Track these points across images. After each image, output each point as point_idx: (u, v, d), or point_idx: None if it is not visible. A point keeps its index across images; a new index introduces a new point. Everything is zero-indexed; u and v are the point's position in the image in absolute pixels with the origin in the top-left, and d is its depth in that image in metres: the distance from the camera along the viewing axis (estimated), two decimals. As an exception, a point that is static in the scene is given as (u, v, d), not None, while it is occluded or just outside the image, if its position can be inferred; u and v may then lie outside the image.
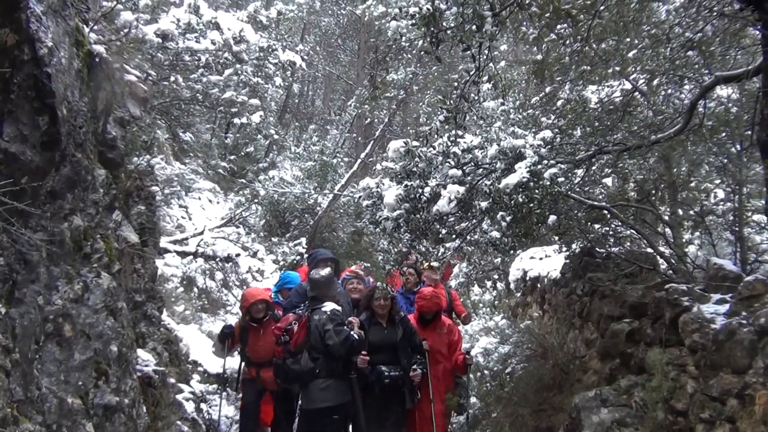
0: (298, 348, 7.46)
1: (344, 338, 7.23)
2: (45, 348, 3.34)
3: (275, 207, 18.18)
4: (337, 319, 7.36)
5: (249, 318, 8.33)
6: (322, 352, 7.31)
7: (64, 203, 3.75)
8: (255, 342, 8.32)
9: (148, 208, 7.16)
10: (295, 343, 7.49)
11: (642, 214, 8.61)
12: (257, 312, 8.34)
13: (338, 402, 7.41)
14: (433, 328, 8.40)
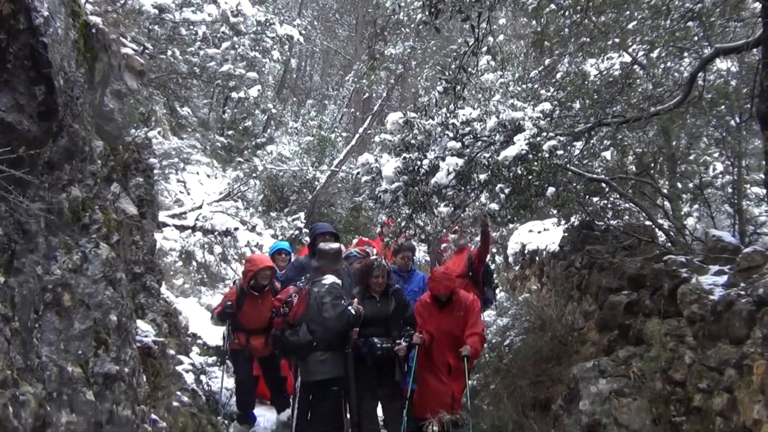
0: (297, 320, 7.47)
1: (340, 312, 7.24)
2: (44, 317, 3.34)
3: (273, 182, 18.16)
4: (335, 293, 7.37)
5: (253, 284, 8.31)
6: (320, 325, 7.32)
7: (62, 174, 3.73)
8: (251, 310, 8.31)
9: (146, 181, 7.15)
10: (294, 315, 7.51)
11: (641, 187, 8.60)
12: (263, 279, 8.33)
13: (336, 374, 7.44)
14: (449, 311, 8.05)
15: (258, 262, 8.45)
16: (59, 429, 3.11)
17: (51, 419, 3.01)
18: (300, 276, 8.45)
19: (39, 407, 2.80)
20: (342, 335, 7.55)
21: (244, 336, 8.40)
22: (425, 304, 8.18)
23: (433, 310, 8.08)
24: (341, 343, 7.58)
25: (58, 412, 3.17)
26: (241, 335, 8.41)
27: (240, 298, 8.35)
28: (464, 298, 8.12)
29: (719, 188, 8.55)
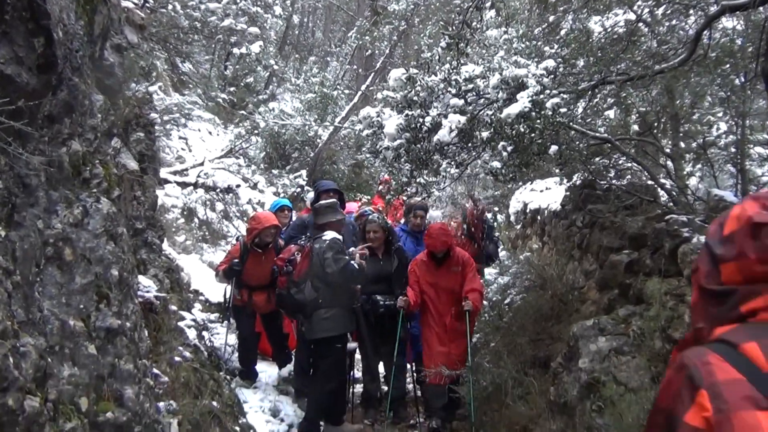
0: (301, 278, 7.49)
1: (342, 266, 7.25)
2: (46, 271, 3.34)
3: (275, 139, 18.09)
4: (337, 247, 7.37)
5: (257, 242, 8.34)
6: (323, 282, 7.34)
7: (62, 128, 3.71)
8: (254, 266, 8.35)
9: (147, 136, 7.12)
10: (299, 273, 7.53)
11: (644, 147, 8.57)
12: (267, 237, 8.36)
13: (340, 331, 7.49)
14: (446, 267, 8.08)
15: (263, 220, 8.44)
16: (61, 382, 3.13)
17: (52, 371, 3.03)
18: (302, 234, 8.47)
19: (40, 359, 2.82)
20: (346, 291, 7.58)
21: (247, 292, 8.46)
22: (421, 262, 8.16)
23: (430, 267, 8.08)
24: (345, 300, 7.61)
25: (60, 365, 3.19)
26: (243, 291, 8.46)
27: (243, 255, 8.37)
28: (461, 254, 8.19)
29: (722, 148, 8.51)
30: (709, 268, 1.78)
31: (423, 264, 8.14)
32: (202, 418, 5.25)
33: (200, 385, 5.89)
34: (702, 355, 1.58)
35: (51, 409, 2.87)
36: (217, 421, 5.54)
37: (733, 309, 1.67)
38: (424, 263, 8.13)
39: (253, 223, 8.53)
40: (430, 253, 8.08)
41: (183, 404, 5.03)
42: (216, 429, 5.46)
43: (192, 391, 5.58)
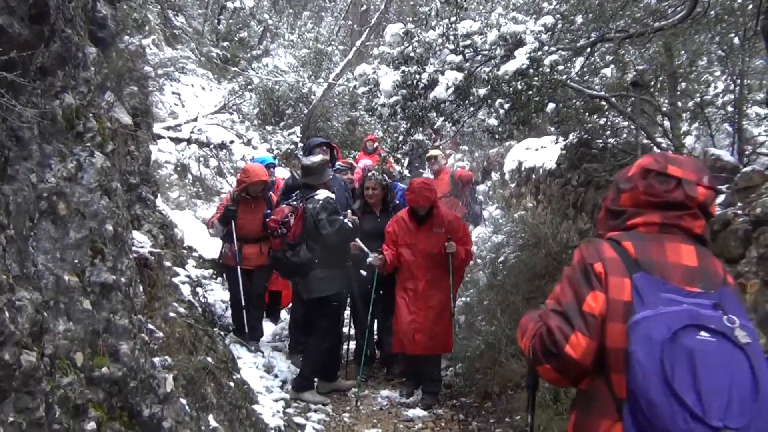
0: (296, 240, 7.44)
1: (338, 227, 7.23)
2: (40, 226, 3.31)
3: (269, 95, 17.96)
4: (330, 208, 7.35)
5: (245, 195, 8.34)
6: (318, 243, 7.32)
7: (55, 80, 3.65)
8: (244, 216, 8.33)
9: (140, 91, 7.05)
10: (294, 235, 7.46)
11: (640, 105, 8.52)
12: (255, 191, 8.37)
13: (337, 290, 7.51)
14: (428, 227, 7.57)
15: (252, 174, 8.40)
16: (57, 336, 3.12)
17: (48, 326, 3.01)
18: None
19: (36, 313, 2.80)
20: (341, 251, 7.58)
21: (238, 245, 8.35)
22: (401, 220, 7.70)
23: (410, 227, 7.62)
24: (341, 259, 7.61)
25: (55, 320, 3.17)
26: (232, 246, 8.36)
27: (234, 206, 8.35)
28: (446, 215, 7.73)
29: (720, 107, 8.47)
30: (614, 196, 2.86)
31: (402, 222, 7.69)
32: (197, 373, 5.26)
33: (195, 340, 5.90)
34: (600, 244, 2.66)
35: (48, 363, 2.87)
36: (211, 377, 5.56)
37: (623, 222, 2.75)
38: (404, 221, 7.68)
39: (242, 175, 8.51)
40: (412, 210, 7.61)
41: (178, 360, 5.04)
42: (211, 384, 5.48)
43: (187, 347, 5.59)
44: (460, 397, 7.78)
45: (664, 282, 2.44)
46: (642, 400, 2.24)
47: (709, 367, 2.21)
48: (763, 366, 2.25)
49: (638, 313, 2.35)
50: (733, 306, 2.38)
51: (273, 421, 6.62)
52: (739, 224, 5.09)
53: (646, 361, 2.25)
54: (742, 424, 2.16)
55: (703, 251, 2.59)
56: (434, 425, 6.95)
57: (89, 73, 4.16)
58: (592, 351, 2.48)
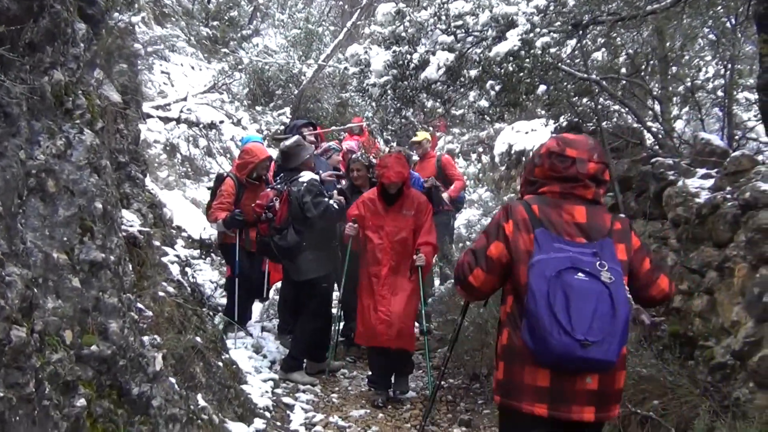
0: (283, 224, 7.38)
1: (323, 210, 7.18)
2: (28, 203, 3.29)
3: (259, 75, 17.89)
4: (315, 190, 7.30)
5: (255, 176, 8.16)
6: (304, 225, 7.28)
7: (44, 56, 3.62)
8: (249, 202, 7.94)
9: (130, 68, 6.99)
10: (280, 220, 7.40)
11: (632, 89, 8.52)
12: (264, 169, 8.19)
13: (326, 272, 7.50)
14: (397, 208, 7.15)
15: (258, 152, 8.18)
16: (46, 313, 3.11)
17: (38, 302, 3.00)
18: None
19: (26, 288, 2.79)
20: (328, 232, 7.56)
21: (238, 229, 8.15)
22: (368, 200, 7.27)
23: (379, 207, 7.19)
24: (329, 241, 7.60)
25: (44, 297, 3.16)
26: (234, 229, 8.15)
27: (238, 192, 8.12)
28: (416, 196, 7.30)
29: (710, 91, 8.49)
30: (530, 168, 3.71)
31: (369, 203, 7.25)
32: (186, 352, 5.27)
33: (184, 320, 5.90)
34: (516, 205, 3.52)
35: (37, 339, 2.86)
36: (200, 356, 5.57)
37: (535, 189, 3.60)
38: (371, 201, 7.23)
39: (248, 156, 8.17)
40: (382, 190, 7.14)
41: (167, 339, 5.04)
42: (200, 363, 5.49)
43: (176, 326, 5.59)
44: (449, 379, 7.80)
45: (557, 235, 3.38)
46: (532, 316, 3.23)
47: (580, 298, 3.17)
48: (622, 298, 3.22)
49: (536, 257, 3.30)
50: (608, 253, 3.34)
51: (261, 401, 6.64)
52: (728, 208, 5.11)
53: (537, 290, 3.21)
54: (598, 338, 3.14)
55: (593, 210, 3.50)
56: (423, 406, 6.98)
57: (78, 50, 4.13)
58: (490, 282, 3.56)
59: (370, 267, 7.14)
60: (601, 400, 3.34)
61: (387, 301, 6.96)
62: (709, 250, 5.34)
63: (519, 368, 3.41)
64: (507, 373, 3.49)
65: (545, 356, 3.24)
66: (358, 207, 7.29)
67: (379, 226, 7.13)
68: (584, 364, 3.21)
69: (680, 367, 5.21)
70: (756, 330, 4.58)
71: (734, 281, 4.94)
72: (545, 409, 3.32)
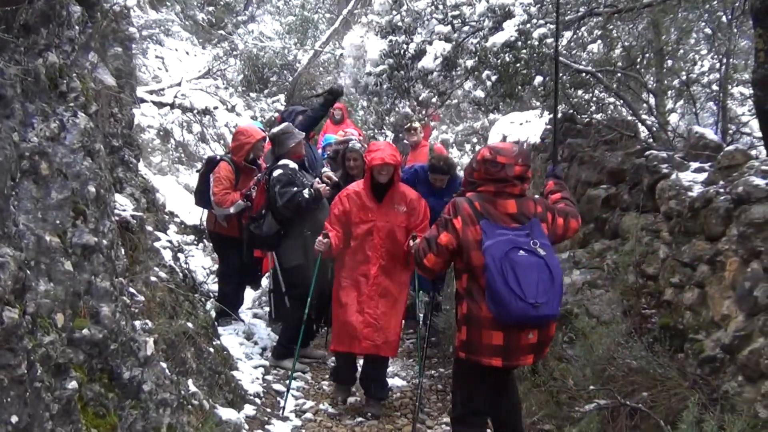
0: (258, 213, 7.24)
1: (287, 200, 6.98)
2: (21, 185, 3.28)
3: (254, 62, 17.82)
4: (284, 179, 7.07)
5: (251, 158, 7.92)
6: (281, 214, 7.14)
7: (39, 38, 3.59)
8: (247, 185, 7.78)
9: (124, 52, 6.96)
10: (256, 208, 7.26)
11: (627, 81, 8.53)
12: (260, 150, 7.94)
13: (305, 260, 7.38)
14: (388, 202, 6.48)
15: (253, 132, 7.95)
16: (38, 296, 3.10)
17: (30, 284, 3.00)
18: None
19: (19, 270, 2.78)
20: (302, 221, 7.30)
21: (236, 215, 7.85)
22: (354, 194, 6.54)
23: (367, 201, 6.48)
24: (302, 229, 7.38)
25: (36, 280, 3.15)
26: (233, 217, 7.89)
27: (236, 175, 7.86)
28: (407, 191, 6.63)
29: (705, 85, 8.51)
30: (470, 171, 4.65)
31: (355, 196, 6.52)
32: (178, 338, 5.26)
33: (175, 305, 5.89)
34: (461, 202, 4.48)
35: (29, 321, 2.85)
36: (192, 342, 5.56)
37: (475, 188, 4.54)
38: (357, 195, 6.51)
39: (243, 137, 7.91)
40: (372, 181, 6.45)
41: (158, 324, 5.03)
42: (191, 349, 5.49)
43: (167, 312, 5.58)
44: (438, 368, 7.83)
45: (497, 224, 4.38)
46: (493, 291, 4.19)
47: (525, 270, 4.18)
48: (556, 265, 4.31)
49: (486, 243, 4.27)
50: (537, 232, 4.37)
51: (252, 387, 6.64)
52: (721, 202, 5.12)
53: (493, 269, 4.17)
54: (544, 300, 4.17)
55: (521, 201, 4.53)
56: (413, 395, 6.99)
57: (73, 33, 4.10)
58: (440, 263, 4.60)
59: (358, 266, 6.45)
60: (539, 349, 4.53)
61: (375, 303, 6.35)
62: (701, 243, 5.35)
63: (478, 331, 4.42)
64: (469, 335, 4.49)
65: (507, 320, 4.24)
66: (342, 201, 6.52)
67: (370, 220, 6.43)
68: (537, 320, 4.26)
69: (670, 360, 5.22)
70: (746, 324, 4.59)
71: (725, 275, 4.95)
72: (500, 361, 4.41)
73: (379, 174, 6.36)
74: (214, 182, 7.79)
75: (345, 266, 6.56)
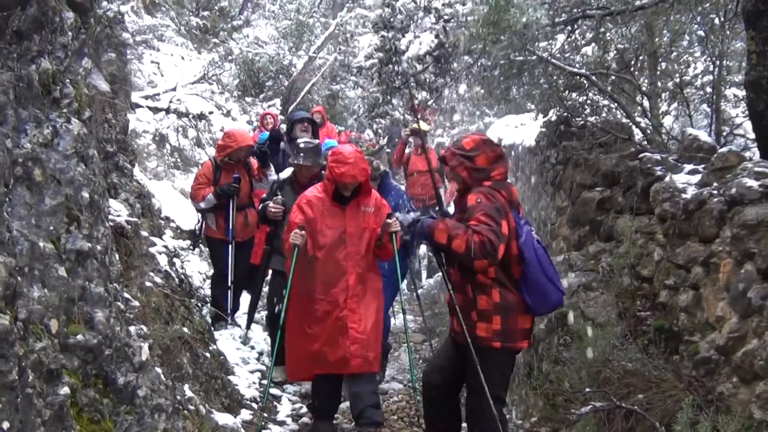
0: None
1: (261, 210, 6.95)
2: (15, 191, 3.27)
3: (249, 66, 17.88)
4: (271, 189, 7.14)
5: (227, 160, 7.91)
6: None
7: (32, 45, 3.59)
8: (227, 181, 7.89)
9: (119, 58, 6.97)
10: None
11: (621, 84, 8.55)
12: (241, 155, 7.94)
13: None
14: (355, 205, 5.85)
15: (239, 139, 7.94)
16: (31, 302, 3.10)
17: (22, 290, 2.99)
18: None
19: (10, 276, 2.77)
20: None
21: (223, 217, 7.98)
22: (315, 199, 5.85)
23: (333, 205, 5.82)
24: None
25: (29, 286, 3.15)
26: (219, 217, 8.01)
27: (215, 173, 7.96)
28: (372, 192, 6.01)
29: (699, 88, 8.53)
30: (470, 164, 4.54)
31: (318, 202, 5.83)
32: (173, 343, 5.26)
33: (171, 310, 5.89)
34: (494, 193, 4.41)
35: (21, 328, 2.85)
36: (187, 347, 5.56)
37: (488, 175, 4.52)
38: (320, 200, 5.83)
39: (228, 140, 7.96)
40: (334, 186, 5.73)
41: (154, 329, 5.03)
42: (186, 354, 5.49)
43: (163, 317, 5.58)
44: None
45: (517, 213, 4.56)
46: (532, 280, 4.37)
47: (547, 259, 4.48)
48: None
49: (521, 236, 4.39)
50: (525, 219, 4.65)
51: (249, 392, 6.65)
52: (714, 204, 5.13)
53: (530, 260, 4.35)
54: (563, 286, 4.61)
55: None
56: (410, 398, 6.99)
57: (66, 39, 4.10)
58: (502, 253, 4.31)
59: (327, 277, 5.71)
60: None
61: (358, 316, 5.66)
62: (695, 245, 5.37)
63: (514, 318, 4.45)
64: (504, 323, 4.43)
65: (544, 308, 4.54)
66: (302, 209, 5.84)
67: (338, 226, 5.76)
68: (560, 306, 4.74)
69: (665, 362, 5.23)
70: (740, 325, 4.60)
71: (719, 277, 4.96)
72: (527, 343, 4.65)
73: (345, 188, 5.73)
74: (194, 178, 8.16)
75: (312, 281, 5.74)
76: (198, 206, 8.08)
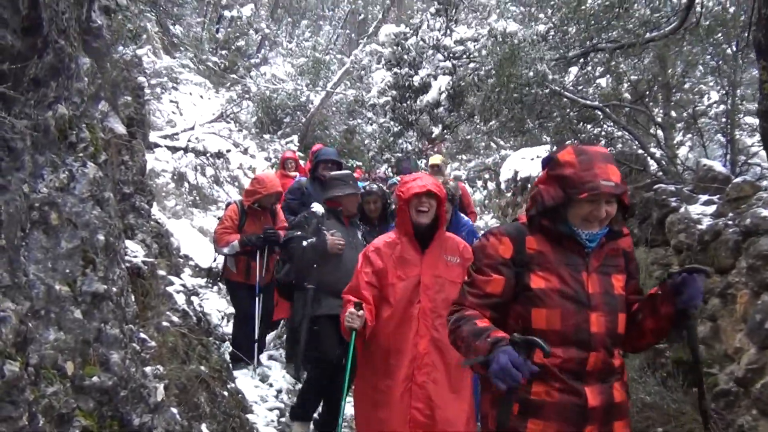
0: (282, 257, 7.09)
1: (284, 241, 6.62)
2: (31, 236, 3.32)
3: (267, 104, 18.06)
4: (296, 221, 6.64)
5: (257, 205, 7.83)
6: None
7: (48, 91, 3.66)
8: (253, 229, 7.80)
9: (135, 100, 7.04)
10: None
11: (635, 115, 8.56)
12: (269, 202, 7.87)
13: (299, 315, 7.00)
14: (435, 252, 4.68)
15: (269, 185, 7.84)
16: (44, 346, 3.13)
17: (33, 335, 3.03)
18: (298, 198, 8.06)
19: (20, 323, 2.81)
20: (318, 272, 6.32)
21: (244, 261, 7.87)
22: (386, 246, 4.74)
23: (409, 250, 4.68)
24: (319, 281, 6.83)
25: (45, 329, 3.19)
26: (241, 260, 7.89)
27: (241, 217, 7.90)
28: (455, 239, 4.84)
29: (713, 117, 8.53)
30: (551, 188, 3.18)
31: (388, 248, 4.72)
32: (190, 382, 5.26)
33: (188, 349, 5.90)
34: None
35: (32, 373, 2.88)
36: (204, 386, 5.56)
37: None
38: (392, 246, 4.73)
39: (258, 186, 7.86)
40: (409, 218, 4.64)
41: (170, 369, 5.04)
42: (204, 393, 5.49)
43: (179, 356, 5.59)
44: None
45: None
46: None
47: None
48: None
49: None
50: None
51: (267, 430, 6.62)
52: (730, 235, 5.12)
53: None
54: None
55: None
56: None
57: (82, 84, 4.18)
58: None
59: (396, 344, 4.55)
60: None
61: (425, 392, 4.42)
62: (712, 276, 5.34)
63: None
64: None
65: None
66: (371, 259, 4.73)
67: (411, 277, 4.61)
68: None
69: (684, 395, 5.19)
70: (758, 357, 4.56)
71: (737, 308, 4.93)
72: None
73: (420, 211, 4.61)
74: (219, 221, 8.03)
75: (377, 349, 4.66)
76: (220, 251, 7.98)
